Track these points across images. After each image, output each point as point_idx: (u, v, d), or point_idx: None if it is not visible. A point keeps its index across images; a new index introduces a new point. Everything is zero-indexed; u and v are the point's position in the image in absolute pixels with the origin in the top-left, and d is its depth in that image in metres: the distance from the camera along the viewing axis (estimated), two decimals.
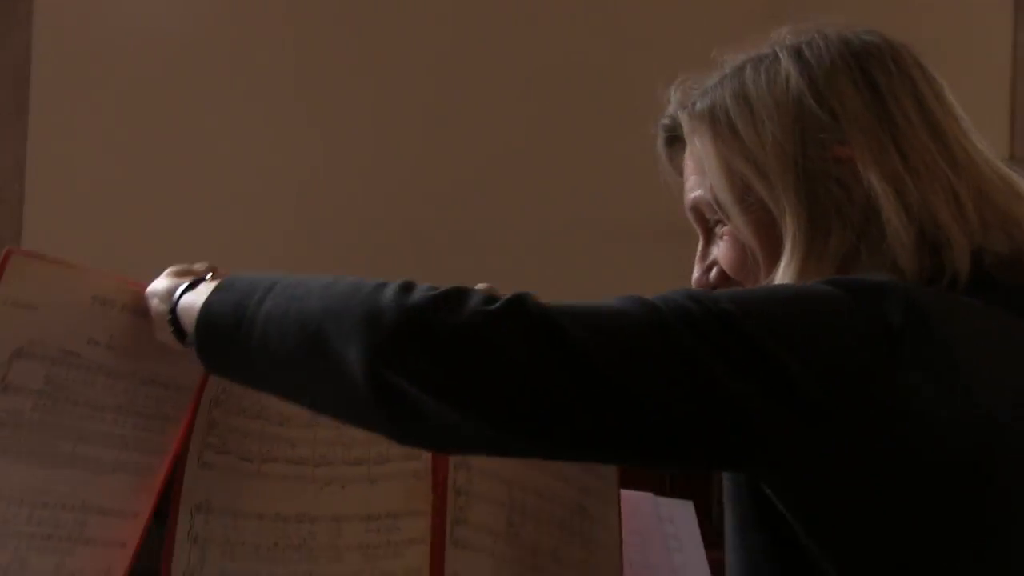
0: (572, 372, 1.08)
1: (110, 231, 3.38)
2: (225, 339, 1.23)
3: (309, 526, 1.47)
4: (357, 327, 1.13)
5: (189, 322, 1.27)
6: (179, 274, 1.33)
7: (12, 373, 1.27)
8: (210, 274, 1.31)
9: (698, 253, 1.37)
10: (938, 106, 1.29)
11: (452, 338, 1.10)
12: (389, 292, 1.14)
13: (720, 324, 1.11)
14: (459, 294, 1.12)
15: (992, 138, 1.33)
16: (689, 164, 1.36)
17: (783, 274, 1.25)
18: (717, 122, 1.31)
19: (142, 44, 3.47)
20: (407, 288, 1.14)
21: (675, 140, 1.39)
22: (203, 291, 1.27)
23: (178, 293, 1.29)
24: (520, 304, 1.11)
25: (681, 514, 1.58)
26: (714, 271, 1.34)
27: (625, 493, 1.60)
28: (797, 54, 1.30)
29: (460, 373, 1.10)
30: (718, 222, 1.33)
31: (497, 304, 1.10)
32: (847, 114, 1.27)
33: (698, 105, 1.33)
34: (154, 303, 1.32)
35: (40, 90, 3.33)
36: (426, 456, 1.55)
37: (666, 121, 1.39)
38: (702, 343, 1.10)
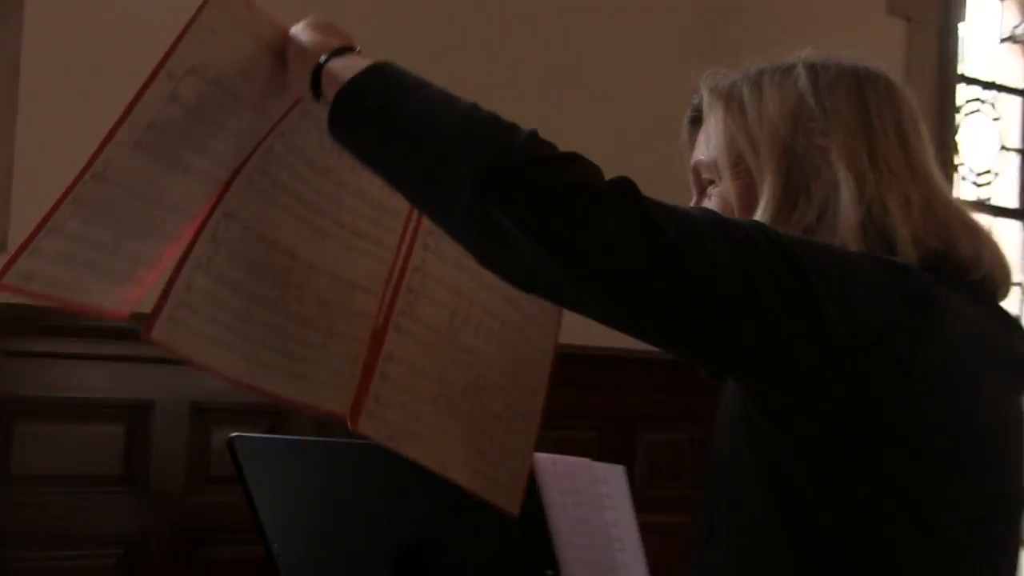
0: (654, 258, 1.26)
1: None
2: (364, 114, 1.37)
3: (291, 261, 1.61)
4: (484, 154, 1.29)
5: (331, 83, 1.40)
6: (320, 28, 1.46)
7: (182, 86, 1.41)
8: (359, 48, 1.44)
9: (692, 205, 1.57)
10: (913, 131, 1.52)
11: (564, 195, 1.26)
12: (522, 136, 1.30)
13: (780, 255, 1.30)
14: (580, 160, 1.30)
15: None
16: (701, 137, 1.58)
17: (762, 210, 1.48)
18: (731, 100, 1.54)
19: (135, 41, 3.29)
20: (536, 138, 1.30)
21: (697, 120, 1.61)
22: (353, 63, 1.40)
23: (327, 55, 1.42)
24: (627, 187, 1.29)
25: (614, 477, 1.76)
26: None
27: (564, 457, 1.80)
28: (811, 67, 1.54)
29: (563, 227, 1.26)
30: (711, 182, 1.56)
31: (608, 181, 1.29)
32: (836, 115, 1.50)
33: (720, 85, 1.56)
34: (298, 52, 1.45)
35: (30, 87, 3.25)
36: (392, 248, 1.70)
37: (695, 101, 1.61)
38: (761, 266, 1.29)
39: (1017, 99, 5.84)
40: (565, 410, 3.74)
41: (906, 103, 1.55)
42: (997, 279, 1.51)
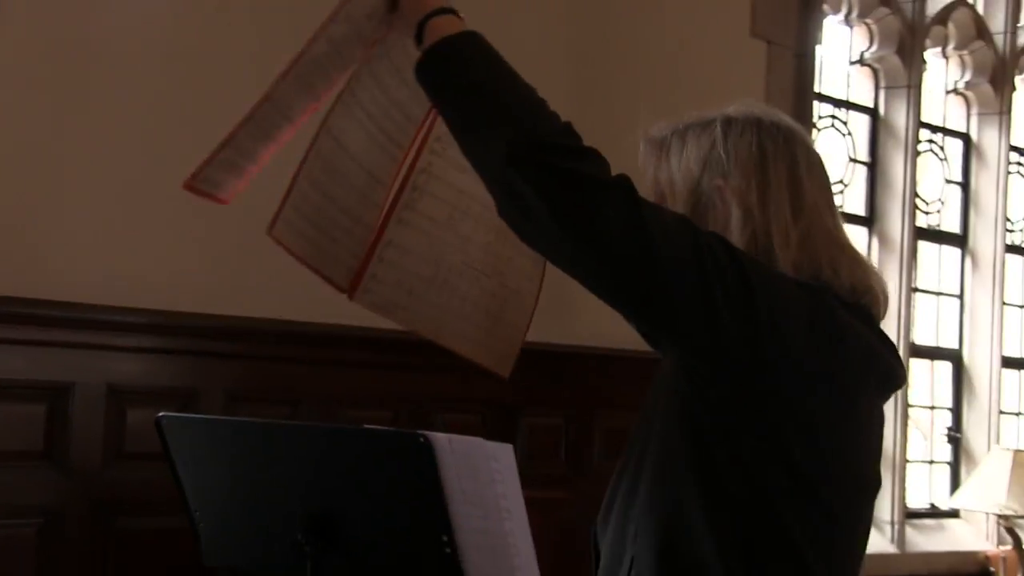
0: (636, 242, 1.55)
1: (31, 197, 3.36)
2: (447, 68, 1.68)
3: (350, 162, 1.96)
4: (525, 129, 1.59)
5: (432, 34, 1.70)
6: None
7: (335, 28, 1.81)
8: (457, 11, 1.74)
9: None
10: (807, 174, 1.79)
11: (578, 179, 1.56)
12: (558, 124, 1.62)
13: (732, 262, 1.61)
14: (596, 155, 1.60)
15: None
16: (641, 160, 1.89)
17: None
18: (662, 149, 1.86)
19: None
20: (569, 129, 1.62)
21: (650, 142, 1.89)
22: (452, 24, 1.71)
23: (432, 11, 1.72)
24: (628, 184, 1.59)
25: (503, 454, 1.90)
26: None
27: (460, 436, 1.93)
28: (727, 120, 1.83)
29: (572, 204, 1.55)
30: None
31: (615, 176, 1.59)
32: (736, 160, 1.78)
33: (655, 136, 1.87)
34: (412, 3, 1.75)
35: None
36: (404, 147, 2.00)
37: (648, 135, 1.89)
38: (715, 266, 1.59)
39: (865, 116, 6.11)
40: (454, 397, 3.94)
41: (802, 150, 1.81)
42: (878, 303, 1.79)
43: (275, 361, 3.76)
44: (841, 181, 5.98)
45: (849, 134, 6.02)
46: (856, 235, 6.02)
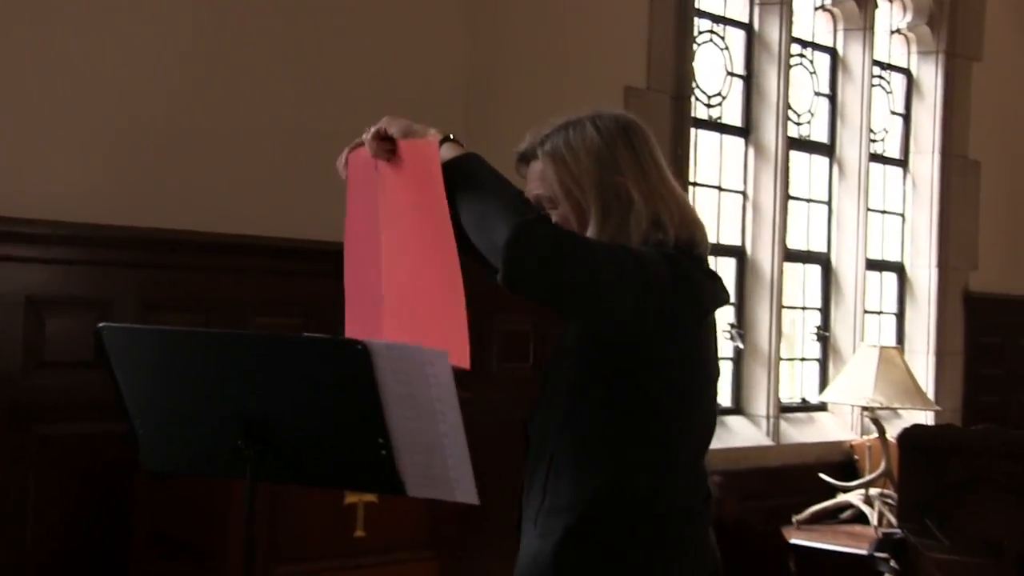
0: (586, 280, 1.99)
1: None
2: (465, 174, 2.08)
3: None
4: (516, 224, 1.97)
5: (447, 153, 2.11)
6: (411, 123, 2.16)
7: None
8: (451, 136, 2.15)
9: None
10: (661, 161, 2.22)
11: (554, 253, 1.97)
12: (534, 218, 2.00)
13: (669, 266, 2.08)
14: (556, 235, 2.01)
15: None
16: (534, 174, 2.22)
17: (596, 234, 2.13)
18: (556, 158, 2.18)
19: None
20: (543, 221, 2.03)
21: (525, 158, 2.25)
22: (453, 147, 2.13)
23: (442, 136, 2.13)
24: (569, 237, 2.04)
25: (438, 359, 1.94)
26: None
27: (397, 343, 1.96)
28: (594, 123, 2.20)
29: (550, 270, 1.97)
30: (552, 207, 2.18)
31: (565, 235, 2.04)
32: (622, 159, 2.18)
33: (546, 147, 2.20)
34: (425, 132, 2.14)
35: None
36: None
37: (522, 148, 2.25)
38: (651, 278, 2.05)
39: (741, 32, 6.20)
40: None
41: (652, 139, 2.23)
42: (707, 249, 2.23)
43: (186, 270, 3.75)
44: (719, 93, 6.06)
45: (726, 48, 6.10)
46: (734, 145, 6.15)
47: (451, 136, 2.15)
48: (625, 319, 2.05)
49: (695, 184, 5.86)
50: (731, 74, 6.14)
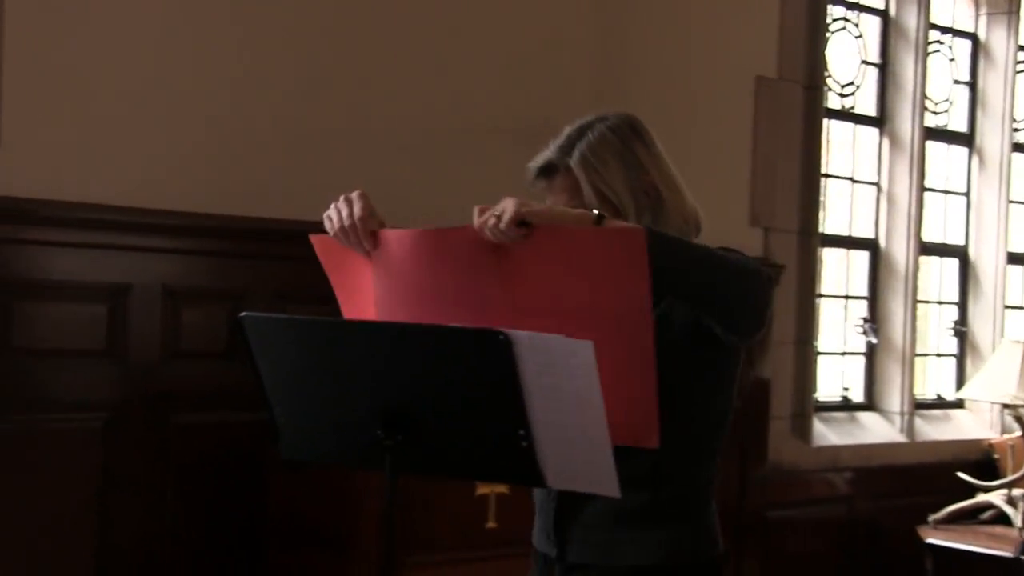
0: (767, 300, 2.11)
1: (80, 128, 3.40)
2: (669, 245, 1.98)
3: None
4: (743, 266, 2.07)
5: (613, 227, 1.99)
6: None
7: None
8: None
9: None
10: (665, 154, 2.25)
11: (764, 295, 2.10)
12: (753, 265, 2.11)
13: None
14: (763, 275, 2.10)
15: None
16: (561, 187, 2.21)
17: None
18: (587, 165, 2.19)
19: None
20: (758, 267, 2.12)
21: (548, 171, 2.22)
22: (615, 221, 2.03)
23: (595, 216, 1.95)
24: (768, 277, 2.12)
25: (582, 350, 1.87)
26: None
27: (540, 334, 1.94)
28: (607, 125, 2.22)
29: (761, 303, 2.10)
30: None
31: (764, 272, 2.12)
32: (643, 157, 2.22)
33: (573, 157, 2.19)
34: (573, 215, 1.98)
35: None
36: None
37: (543, 164, 2.22)
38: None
39: (876, 18, 6.06)
40: None
41: (651, 134, 2.27)
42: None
43: (319, 262, 3.78)
44: (852, 83, 5.95)
45: (860, 36, 5.98)
46: (868, 136, 6.03)
47: (596, 212, 2.05)
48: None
49: (827, 176, 5.75)
50: (865, 62, 6.02)
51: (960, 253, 6.43)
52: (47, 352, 3.32)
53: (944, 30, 6.34)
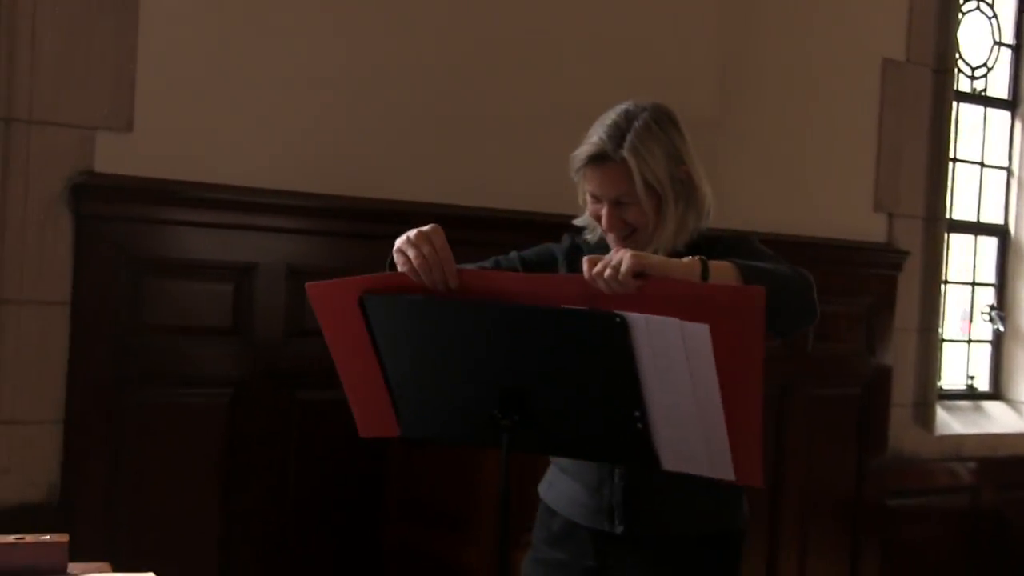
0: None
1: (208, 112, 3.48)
2: (757, 276, 2.05)
3: None
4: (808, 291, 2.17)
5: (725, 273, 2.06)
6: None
7: None
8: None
9: (607, 210, 2.29)
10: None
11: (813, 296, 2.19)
12: (801, 272, 2.18)
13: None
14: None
15: None
16: (613, 175, 2.27)
17: (673, 225, 2.29)
18: (638, 154, 2.25)
19: None
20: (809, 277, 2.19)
21: (598, 159, 2.28)
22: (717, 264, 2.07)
23: (702, 264, 2.02)
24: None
25: (698, 333, 1.88)
26: (622, 222, 2.29)
27: (656, 316, 1.94)
28: (649, 114, 2.29)
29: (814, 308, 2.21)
30: (629, 203, 2.26)
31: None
32: (679, 148, 2.30)
33: (625, 146, 2.25)
34: (679, 267, 2.01)
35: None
36: None
37: (595, 152, 2.28)
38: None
39: None
40: None
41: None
42: None
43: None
44: (985, 64, 5.82)
45: (994, 16, 5.84)
46: (999, 119, 5.89)
47: (700, 258, 2.09)
48: None
49: (955, 160, 5.64)
50: (998, 43, 5.88)
51: None
52: (177, 329, 3.41)
53: None
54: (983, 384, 5.85)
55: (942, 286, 5.49)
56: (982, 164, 5.86)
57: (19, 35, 3.18)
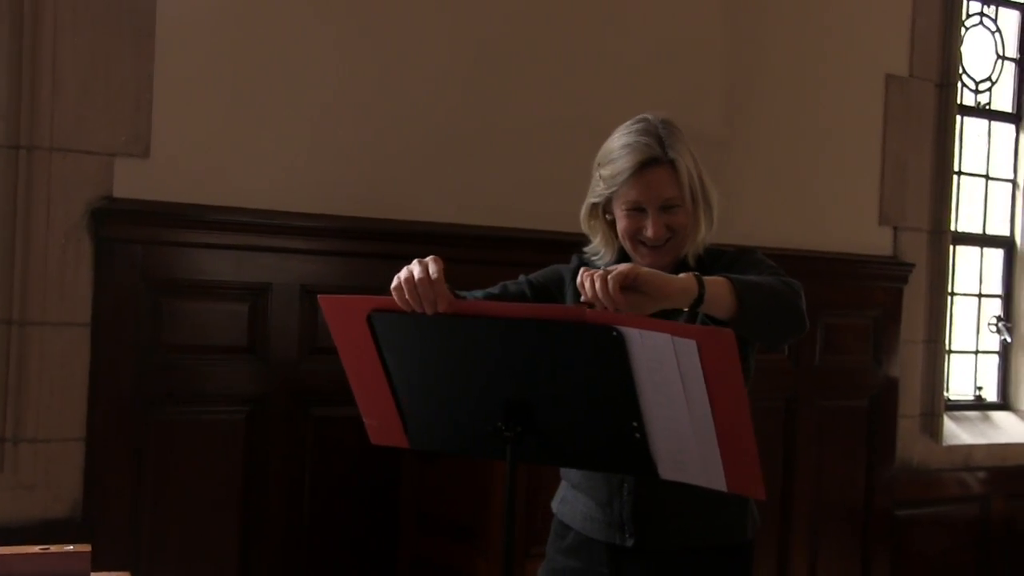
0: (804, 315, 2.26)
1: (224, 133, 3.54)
2: (749, 291, 2.12)
3: None
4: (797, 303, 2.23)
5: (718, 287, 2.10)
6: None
7: None
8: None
9: (653, 218, 2.33)
10: None
11: (801, 306, 2.25)
12: (793, 284, 2.25)
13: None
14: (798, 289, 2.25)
15: None
16: (664, 178, 2.33)
17: (704, 229, 2.38)
18: (687, 159, 2.34)
19: None
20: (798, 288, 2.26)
21: (652, 162, 2.33)
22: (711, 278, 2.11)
23: (696, 278, 2.06)
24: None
25: (687, 349, 1.90)
26: (666, 228, 2.34)
27: (650, 332, 1.98)
28: (674, 125, 2.38)
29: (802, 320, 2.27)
30: (677, 206, 2.34)
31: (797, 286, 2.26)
32: (697, 156, 2.38)
33: (675, 149, 2.33)
34: (682, 285, 2.06)
35: (165, 10, 3.44)
36: None
37: (653, 156, 2.32)
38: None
39: (1015, 12, 5.97)
40: None
41: None
42: None
43: (451, 263, 3.86)
44: (989, 78, 5.86)
45: (998, 31, 5.90)
46: (1004, 132, 5.94)
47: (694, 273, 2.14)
48: None
49: (959, 173, 5.70)
50: (1002, 57, 5.93)
51: None
52: (194, 348, 3.48)
53: None
54: (991, 394, 5.88)
55: (948, 298, 5.53)
56: (987, 177, 5.91)
57: (41, 66, 3.26)
